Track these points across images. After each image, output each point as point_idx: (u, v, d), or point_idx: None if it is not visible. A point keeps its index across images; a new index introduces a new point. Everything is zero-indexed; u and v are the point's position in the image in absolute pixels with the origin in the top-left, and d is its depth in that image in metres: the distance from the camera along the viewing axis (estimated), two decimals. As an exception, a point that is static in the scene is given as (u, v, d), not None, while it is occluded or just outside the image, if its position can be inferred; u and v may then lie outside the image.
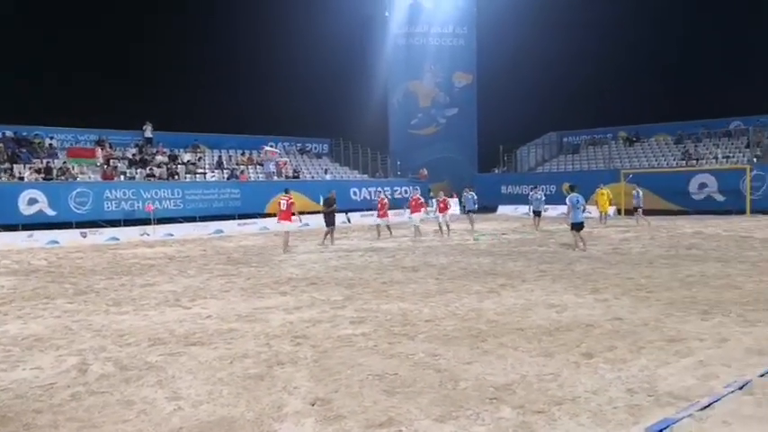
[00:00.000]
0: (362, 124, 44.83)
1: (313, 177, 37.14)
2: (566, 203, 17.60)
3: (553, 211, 36.22)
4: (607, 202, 28.97)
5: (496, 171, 44.28)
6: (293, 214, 19.54)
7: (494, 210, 38.53)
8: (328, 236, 20.82)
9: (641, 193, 26.92)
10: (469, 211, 26.68)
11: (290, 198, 19.63)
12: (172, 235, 26.02)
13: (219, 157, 35.45)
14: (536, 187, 29.39)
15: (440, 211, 23.45)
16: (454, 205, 40.20)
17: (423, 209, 23.15)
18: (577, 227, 17.04)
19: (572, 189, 17.98)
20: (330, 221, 20.77)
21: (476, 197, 27.36)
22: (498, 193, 39.62)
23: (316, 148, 41.91)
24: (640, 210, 26.62)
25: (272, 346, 7.21)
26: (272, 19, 43.66)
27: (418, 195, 23.70)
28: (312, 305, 9.81)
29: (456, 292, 10.63)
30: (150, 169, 30.69)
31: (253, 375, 6.12)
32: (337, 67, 45.67)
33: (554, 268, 13.31)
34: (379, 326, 8.12)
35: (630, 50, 50.89)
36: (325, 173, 38.01)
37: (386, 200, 23.83)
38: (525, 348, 6.78)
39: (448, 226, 23.09)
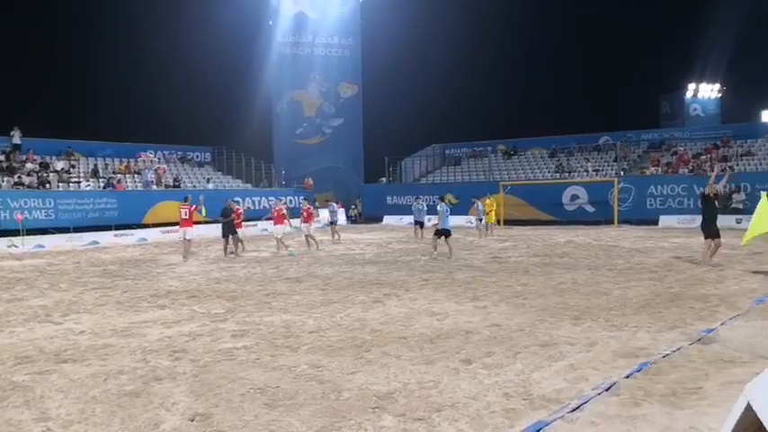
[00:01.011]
0: (246, 133, 44.26)
1: (195, 186, 36.22)
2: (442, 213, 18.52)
3: (436, 220, 37.01)
4: (493, 212, 29.79)
5: (383, 181, 44.78)
6: (194, 222, 19.77)
7: (380, 220, 38.97)
8: (239, 244, 20.33)
9: (482, 206, 27.49)
10: (332, 223, 26.45)
11: (191, 206, 19.57)
12: (43, 246, 24.61)
13: (95, 165, 33.94)
14: (418, 197, 29.44)
15: (303, 222, 22.38)
16: (340, 215, 40.41)
17: (285, 221, 21.42)
18: (445, 233, 18.05)
19: (441, 200, 20.15)
20: (227, 231, 20.25)
21: (336, 207, 27.37)
22: (384, 203, 40.09)
23: (197, 156, 40.88)
24: (482, 220, 27.45)
25: (150, 362, 6.98)
26: (153, 24, 42.45)
27: (280, 206, 22.15)
28: (192, 318, 9.57)
29: (341, 302, 10.66)
30: (19, 177, 28.95)
31: (128, 392, 5.90)
32: (221, 76, 44.95)
33: (436, 277, 13.61)
34: (261, 338, 8.02)
35: (509, 66, 52.91)
36: (208, 182, 37.17)
37: (283, 209, 22.27)
38: (407, 357, 6.89)
39: (314, 237, 22.11)
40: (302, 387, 5.93)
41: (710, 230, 14.82)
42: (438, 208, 18.94)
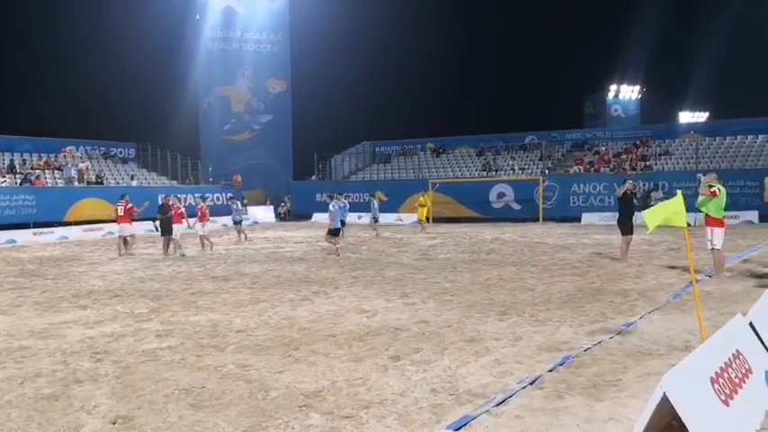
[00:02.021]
0: (173, 129, 43.27)
1: (118, 183, 35.24)
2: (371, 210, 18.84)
3: (367, 218, 37.10)
4: (425, 209, 29.96)
5: (313, 179, 44.55)
6: (133, 219, 19.75)
7: (309, 217, 38.73)
8: (171, 245, 19.31)
9: (377, 204, 27.12)
10: (236, 223, 25.15)
11: (128, 203, 19.51)
12: (-46, 245, 23.51)
13: (11, 160, 32.59)
14: (340, 194, 25.90)
15: (198, 221, 20.86)
16: (269, 212, 40.00)
17: (183, 220, 20.03)
18: (334, 232, 18.46)
19: (331, 198, 19.93)
20: (165, 230, 19.45)
21: (240, 206, 26.10)
22: (313, 200, 39.88)
23: (121, 152, 39.81)
24: (375, 220, 26.88)
25: (70, 364, 6.74)
26: (75, 15, 41.03)
27: (179, 205, 20.82)
28: (115, 319, 9.30)
29: (269, 300, 10.55)
30: (-72, 172, 27.57)
31: (47, 396, 5.68)
32: (146, 70, 43.86)
33: (366, 274, 13.63)
34: (186, 338, 7.86)
35: (438, 66, 53.45)
36: (132, 179, 36.21)
37: (205, 207, 21.66)
38: (336, 354, 6.87)
39: (208, 238, 20.79)
40: (228, 387, 5.84)
41: (625, 227, 15.33)
42: (330, 207, 19.06)
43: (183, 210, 20.32)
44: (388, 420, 4.89)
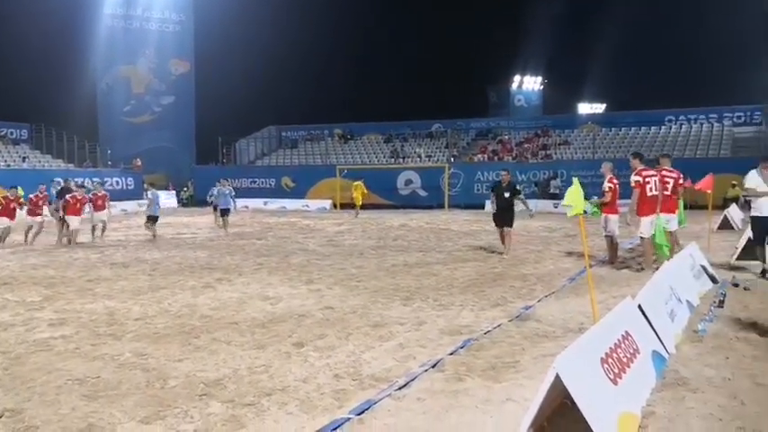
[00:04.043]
0: (69, 109, 41.39)
1: (9, 166, 33.44)
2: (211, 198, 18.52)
3: (272, 204, 36.78)
4: (360, 196, 29.88)
5: (217, 164, 43.63)
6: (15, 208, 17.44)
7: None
8: (66, 230, 17.58)
9: (227, 189, 22.82)
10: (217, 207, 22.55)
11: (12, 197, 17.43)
12: None
13: None
14: (227, 180, 24.10)
15: (95, 210, 18.56)
16: (170, 197, 38.92)
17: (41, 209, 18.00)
18: (153, 220, 18.39)
19: (152, 185, 19.44)
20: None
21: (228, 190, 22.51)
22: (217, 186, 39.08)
23: (12, 133, 37.78)
24: (219, 210, 22.06)
25: (-49, 357, 6.35)
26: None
27: (103, 192, 19.17)
28: (4, 308, 8.82)
29: (169, 288, 10.27)
30: None
31: (-75, 391, 5.34)
32: (40, 46, 41.55)
33: (271, 261, 13.49)
34: (82, 327, 7.55)
35: (346, 51, 53.26)
36: (24, 161, 34.45)
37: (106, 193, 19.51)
38: (238, 342, 6.76)
39: (104, 227, 18.63)
40: (125, 376, 5.65)
41: (497, 219, 14.37)
42: (148, 194, 18.86)
43: (81, 198, 18.06)
44: (289, 407, 4.85)
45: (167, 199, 38.29)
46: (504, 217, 13.95)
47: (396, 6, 57.76)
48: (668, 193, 11.59)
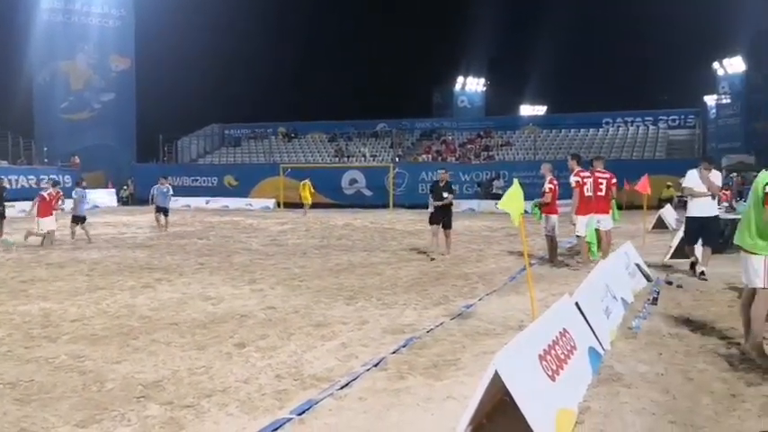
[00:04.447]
0: (4, 105, 40.02)
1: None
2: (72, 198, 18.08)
3: (215, 203, 36.31)
4: (309, 195, 29.72)
5: (158, 162, 42.77)
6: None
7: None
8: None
9: (165, 188, 21.99)
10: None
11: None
12: None
13: None
14: (165, 178, 22.66)
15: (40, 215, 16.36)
16: (110, 196, 38.02)
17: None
18: (79, 220, 17.63)
19: (78, 185, 19.15)
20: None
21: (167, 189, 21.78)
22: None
23: (-59, 128, 36.32)
24: (155, 208, 21.89)
25: None
26: None
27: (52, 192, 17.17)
28: (-70, 310, 8.49)
29: (108, 288, 10.03)
30: None
31: None
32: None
33: (213, 260, 13.31)
34: (15, 329, 7.31)
35: (289, 49, 52.94)
36: (-46, 157, 33.18)
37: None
38: (178, 343, 6.66)
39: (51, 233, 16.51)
40: (60, 379, 5.51)
41: (432, 218, 14.22)
42: (73, 194, 18.29)
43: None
44: (230, 408, 4.80)
45: (106, 197, 37.45)
46: (441, 216, 13.78)
47: (342, 6, 57.74)
48: (602, 194, 11.88)
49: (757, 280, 5.84)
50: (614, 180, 12.25)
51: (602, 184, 11.89)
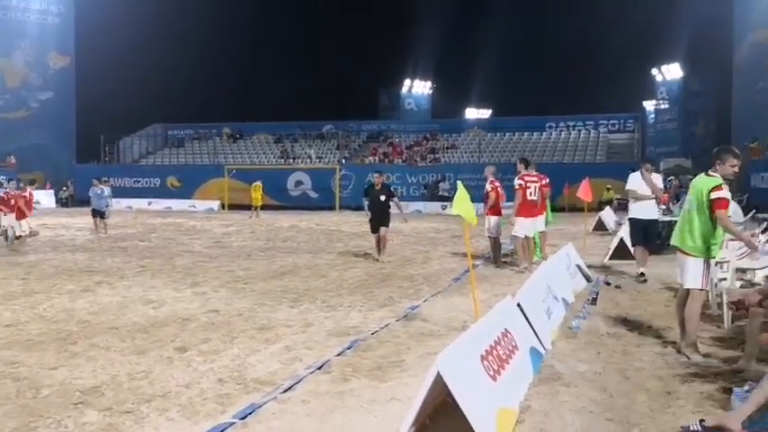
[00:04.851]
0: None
1: None
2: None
3: (157, 204, 35.68)
4: (260, 197, 29.46)
5: (99, 162, 41.76)
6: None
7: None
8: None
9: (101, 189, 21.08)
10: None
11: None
12: None
13: None
14: (99, 180, 21.57)
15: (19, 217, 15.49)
16: (48, 197, 36.99)
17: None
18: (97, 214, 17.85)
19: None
20: None
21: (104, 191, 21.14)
22: (99, 185, 37.48)
23: None
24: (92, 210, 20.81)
25: None
26: None
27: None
28: None
29: (45, 292, 9.74)
30: None
31: None
32: None
33: (155, 263, 13.07)
34: (-56, 335, 7.06)
35: (234, 49, 52.39)
36: None
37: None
38: (118, 348, 6.52)
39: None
40: (-7, 387, 5.33)
41: (372, 224, 13.84)
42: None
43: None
44: (170, 413, 4.72)
45: (45, 198, 36.38)
46: (380, 221, 13.40)
47: (288, 5, 57.41)
48: (533, 198, 12.11)
49: (695, 281, 6.04)
50: (545, 182, 12.49)
51: (529, 187, 12.13)
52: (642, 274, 10.47)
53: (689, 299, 6.12)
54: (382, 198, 13.37)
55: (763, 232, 10.16)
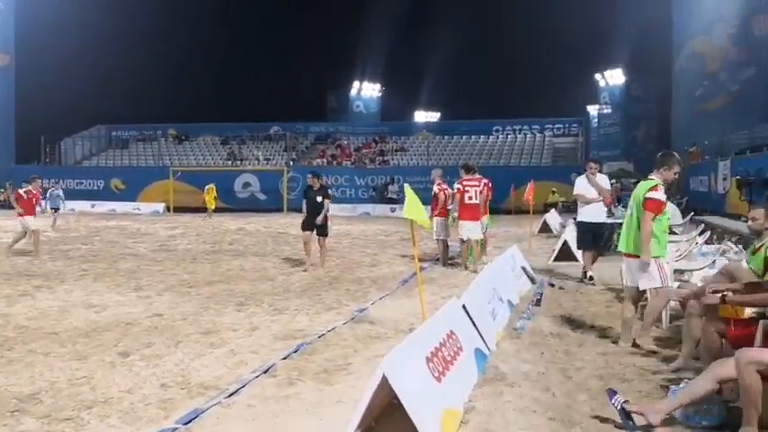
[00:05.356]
0: None
1: None
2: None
3: (100, 206, 34.94)
4: (213, 200, 29.14)
5: (40, 164, 40.58)
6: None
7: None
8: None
9: (60, 192, 23.49)
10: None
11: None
12: None
13: None
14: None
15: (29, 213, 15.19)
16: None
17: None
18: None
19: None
20: None
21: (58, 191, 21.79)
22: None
23: None
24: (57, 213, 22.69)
25: None
26: None
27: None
28: None
29: (-20, 297, 9.45)
30: None
31: None
32: None
33: (97, 267, 12.78)
34: None
35: (177, 50, 51.65)
36: None
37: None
38: (57, 353, 6.35)
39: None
40: None
41: (304, 224, 13.13)
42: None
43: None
44: (111, 419, 4.63)
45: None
46: (314, 223, 12.74)
47: (236, 5, 56.88)
48: (473, 201, 12.33)
49: (651, 282, 6.25)
50: (483, 183, 12.69)
51: (468, 191, 12.31)
52: (591, 277, 10.68)
53: (651, 296, 6.36)
54: (319, 199, 12.80)
55: (700, 234, 10.51)
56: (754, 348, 4.22)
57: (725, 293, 4.98)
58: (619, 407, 4.35)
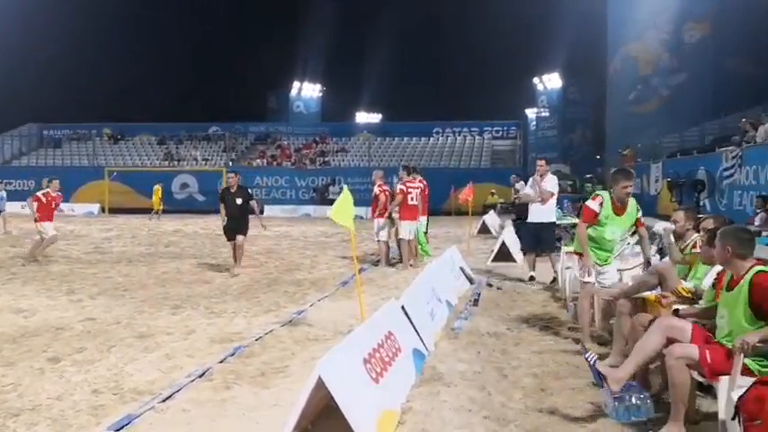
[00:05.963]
0: None
1: None
2: None
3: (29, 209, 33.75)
4: (158, 200, 28.60)
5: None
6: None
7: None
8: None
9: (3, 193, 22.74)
10: None
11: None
12: None
13: None
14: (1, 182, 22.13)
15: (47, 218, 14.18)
16: None
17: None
18: None
19: None
20: None
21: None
22: (-35, 187, 35.15)
23: None
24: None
25: None
26: None
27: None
28: None
29: None
30: None
31: None
32: None
33: (27, 270, 12.36)
34: None
35: (116, 48, 50.52)
36: None
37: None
38: (-18, 360, 6.12)
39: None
40: None
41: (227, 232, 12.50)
42: None
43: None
44: (39, 427, 4.48)
45: None
46: (235, 227, 12.07)
47: (174, 5, 55.85)
48: (413, 202, 12.65)
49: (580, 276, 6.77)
50: (424, 184, 13.02)
51: (410, 192, 12.62)
52: (532, 277, 10.87)
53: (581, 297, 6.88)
54: (239, 202, 12.01)
55: (632, 235, 10.78)
56: (682, 344, 4.33)
57: (678, 308, 5.13)
58: (592, 362, 4.44)
